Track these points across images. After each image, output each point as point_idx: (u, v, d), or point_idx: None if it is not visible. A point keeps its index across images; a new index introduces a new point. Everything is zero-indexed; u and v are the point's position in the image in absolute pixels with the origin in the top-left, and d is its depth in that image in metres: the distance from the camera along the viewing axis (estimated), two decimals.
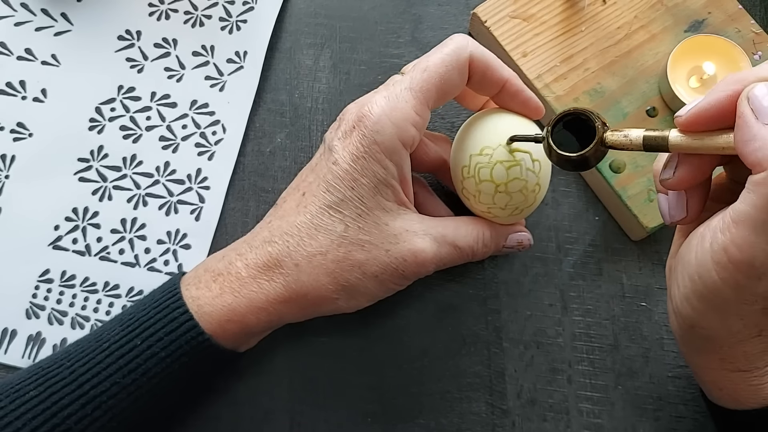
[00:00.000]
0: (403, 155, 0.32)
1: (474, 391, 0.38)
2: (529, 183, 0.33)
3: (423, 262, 0.33)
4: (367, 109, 0.32)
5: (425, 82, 0.32)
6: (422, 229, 0.33)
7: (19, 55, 0.42)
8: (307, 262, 0.32)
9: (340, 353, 0.38)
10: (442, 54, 0.32)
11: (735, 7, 0.42)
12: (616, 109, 0.40)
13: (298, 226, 0.32)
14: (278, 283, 0.32)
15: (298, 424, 0.37)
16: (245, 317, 0.32)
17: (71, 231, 0.40)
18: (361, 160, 0.31)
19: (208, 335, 0.31)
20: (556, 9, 0.42)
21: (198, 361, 0.32)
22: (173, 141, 0.42)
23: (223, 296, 0.32)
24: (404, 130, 0.31)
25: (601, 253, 0.40)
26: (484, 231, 0.35)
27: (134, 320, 0.32)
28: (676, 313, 0.29)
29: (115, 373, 0.30)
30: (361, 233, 0.32)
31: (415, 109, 0.32)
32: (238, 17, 0.44)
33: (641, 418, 0.37)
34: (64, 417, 0.29)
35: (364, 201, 0.32)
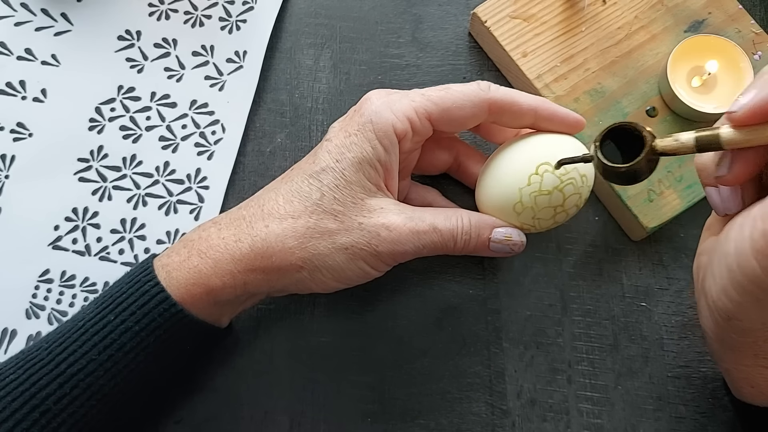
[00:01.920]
0: (393, 142, 0.32)
1: (474, 391, 0.38)
2: (582, 197, 0.33)
3: (397, 238, 0.32)
4: (374, 96, 0.33)
5: (437, 97, 0.33)
6: (398, 209, 0.33)
7: (19, 55, 0.42)
8: (278, 223, 0.32)
9: (340, 353, 0.38)
10: (466, 86, 0.33)
11: (735, 7, 0.42)
12: (616, 109, 0.40)
13: (275, 191, 0.33)
14: (244, 244, 0.32)
15: (298, 424, 0.37)
16: (210, 279, 0.31)
17: (71, 231, 0.40)
18: (352, 137, 0.32)
19: (180, 306, 0.31)
20: (557, 9, 0.42)
21: (173, 333, 0.31)
22: (173, 141, 0.42)
23: (191, 259, 0.32)
24: (400, 120, 0.32)
25: (601, 253, 0.40)
26: (464, 216, 0.34)
27: (108, 297, 0.32)
28: (712, 307, 0.29)
29: (90, 350, 0.30)
30: (336, 203, 0.32)
31: (416, 109, 0.32)
32: (238, 17, 0.44)
33: (641, 418, 0.37)
34: (42, 398, 0.29)
35: (344, 173, 0.32)
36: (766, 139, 0.26)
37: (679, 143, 0.27)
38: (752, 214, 0.26)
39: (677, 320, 0.39)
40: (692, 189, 0.39)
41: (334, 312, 0.39)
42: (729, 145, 0.27)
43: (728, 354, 0.31)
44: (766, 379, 0.30)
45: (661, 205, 0.39)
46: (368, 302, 0.39)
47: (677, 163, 0.39)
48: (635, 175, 0.28)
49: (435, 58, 0.44)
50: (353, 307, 0.39)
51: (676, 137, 0.28)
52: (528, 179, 0.33)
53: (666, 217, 0.38)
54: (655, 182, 0.39)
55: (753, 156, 0.27)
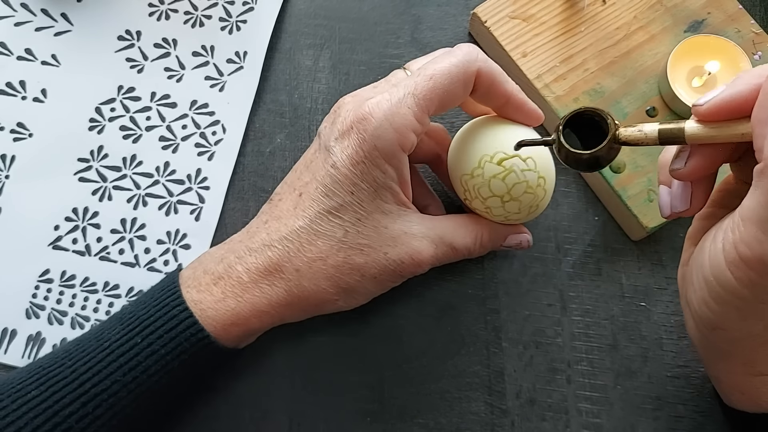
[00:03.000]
0: (403, 159, 0.32)
1: (473, 390, 0.38)
2: (530, 181, 0.33)
3: (420, 263, 0.33)
4: (368, 110, 0.31)
5: (429, 91, 0.31)
6: (420, 232, 0.33)
7: (19, 55, 0.42)
8: (308, 267, 0.32)
9: (340, 353, 0.38)
10: (450, 64, 0.31)
11: (735, 7, 0.42)
12: (616, 110, 0.40)
13: (297, 231, 0.32)
14: (280, 288, 0.32)
15: (298, 424, 0.37)
16: (249, 320, 0.32)
17: (71, 231, 0.40)
18: (361, 165, 0.31)
19: (207, 332, 0.31)
20: (556, 9, 0.42)
21: (198, 358, 0.32)
22: (173, 141, 0.42)
23: (226, 301, 0.32)
24: (404, 136, 0.31)
25: (600, 253, 0.40)
26: (483, 232, 0.35)
27: (134, 318, 0.32)
28: (695, 317, 0.29)
29: (115, 371, 0.30)
30: (360, 237, 0.32)
31: (416, 116, 0.31)
32: (238, 17, 0.44)
33: (640, 417, 0.37)
34: (65, 416, 0.29)
35: (363, 205, 0.32)
36: (728, 137, 0.26)
37: (643, 134, 0.27)
38: (724, 226, 0.26)
39: (676, 320, 0.39)
40: None
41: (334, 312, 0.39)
42: (692, 140, 0.27)
43: (716, 363, 0.31)
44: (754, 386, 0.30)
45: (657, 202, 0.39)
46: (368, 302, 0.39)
47: None
48: (597, 161, 0.28)
49: None
50: None
51: (640, 128, 0.27)
52: (471, 170, 0.33)
53: None
54: (655, 182, 0.39)
55: (711, 153, 0.27)
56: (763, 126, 0.24)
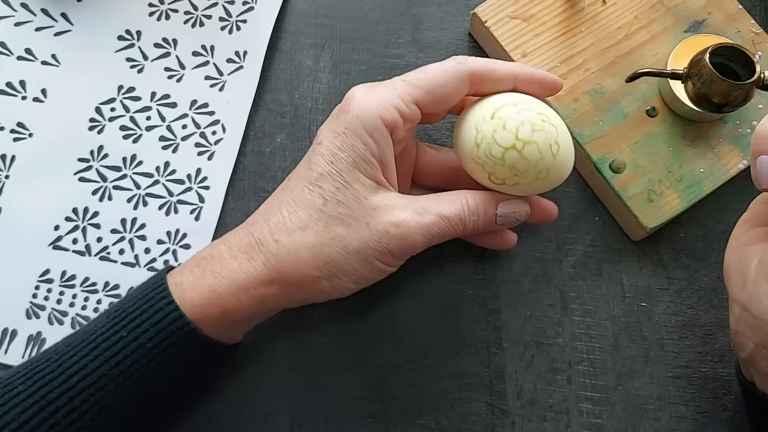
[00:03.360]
0: (384, 134, 0.32)
1: (474, 391, 0.38)
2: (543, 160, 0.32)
3: (406, 234, 0.32)
4: (356, 91, 0.33)
5: (418, 79, 0.33)
6: (402, 203, 0.32)
7: (19, 55, 0.42)
8: (287, 237, 0.31)
9: (340, 353, 0.38)
10: (443, 63, 0.33)
11: (735, 7, 0.42)
12: (616, 110, 0.40)
13: (279, 204, 0.32)
14: (258, 261, 0.31)
15: (298, 424, 0.37)
16: (225, 299, 0.31)
17: (71, 231, 0.40)
18: (342, 136, 0.32)
19: (194, 325, 0.31)
20: (556, 9, 0.42)
21: (185, 351, 0.31)
22: (173, 141, 0.42)
23: (205, 279, 0.31)
24: (387, 110, 0.32)
25: (601, 253, 0.40)
26: (468, 198, 0.33)
27: (120, 312, 0.32)
28: None
29: (102, 366, 0.30)
30: (340, 206, 0.31)
31: (401, 96, 0.32)
32: (238, 17, 0.44)
33: (641, 418, 0.37)
34: (52, 411, 0.29)
35: (342, 174, 0.32)
36: None
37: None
38: None
39: (677, 320, 0.39)
40: (692, 189, 0.39)
41: (334, 312, 0.39)
42: None
43: None
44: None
45: (661, 205, 0.39)
46: (368, 302, 0.39)
47: (677, 163, 0.39)
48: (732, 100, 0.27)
49: (435, 59, 0.44)
50: (353, 307, 0.39)
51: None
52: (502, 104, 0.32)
53: (666, 217, 0.38)
54: (656, 182, 0.39)
55: None
56: None
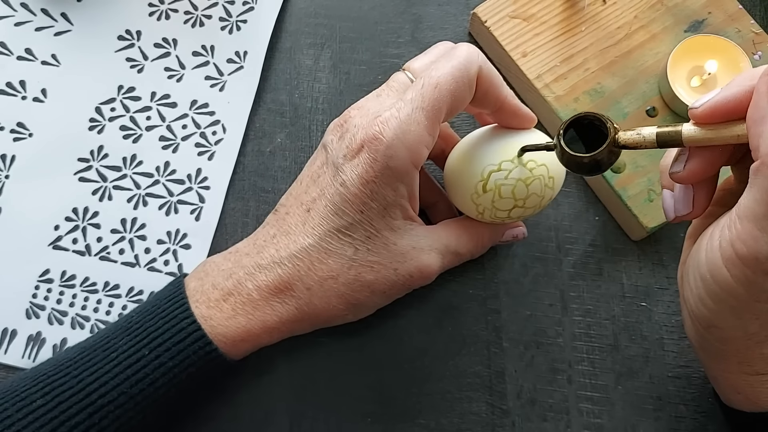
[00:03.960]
0: (414, 176, 0.32)
1: (474, 391, 0.38)
2: (544, 199, 0.34)
3: (429, 276, 0.34)
4: (378, 129, 0.30)
5: (437, 102, 0.30)
6: (428, 245, 0.34)
7: (19, 55, 0.42)
8: (319, 286, 0.32)
9: (340, 353, 0.38)
10: (453, 68, 0.31)
11: (735, 7, 0.42)
12: (616, 109, 0.40)
13: (307, 249, 0.32)
14: (291, 306, 0.32)
15: (298, 424, 0.37)
16: (259, 337, 0.32)
17: (71, 231, 0.40)
18: (371, 184, 0.31)
19: (216, 346, 0.31)
20: (556, 9, 0.42)
21: (205, 371, 0.32)
22: (173, 141, 0.42)
23: (237, 318, 0.32)
24: (417, 152, 0.31)
25: (601, 253, 0.40)
26: (484, 235, 0.36)
27: (142, 330, 0.32)
28: (692, 316, 0.29)
29: (122, 383, 0.30)
30: (370, 255, 0.32)
31: (428, 131, 0.31)
32: (238, 17, 0.44)
33: (641, 418, 0.37)
34: (71, 426, 0.29)
35: (373, 224, 0.32)
36: (725, 139, 0.26)
37: (641, 137, 0.27)
38: (721, 224, 0.26)
39: (677, 320, 0.39)
40: None
41: None
42: (689, 143, 0.27)
43: (713, 362, 0.31)
44: (751, 386, 0.30)
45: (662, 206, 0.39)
46: None
47: None
48: (597, 165, 0.28)
49: None
50: None
51: (639, 131, 0.28)
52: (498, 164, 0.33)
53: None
54: (656, 182, 0.39)
55: (709, 155, 0.27)
56: (757, 125, 0.24)
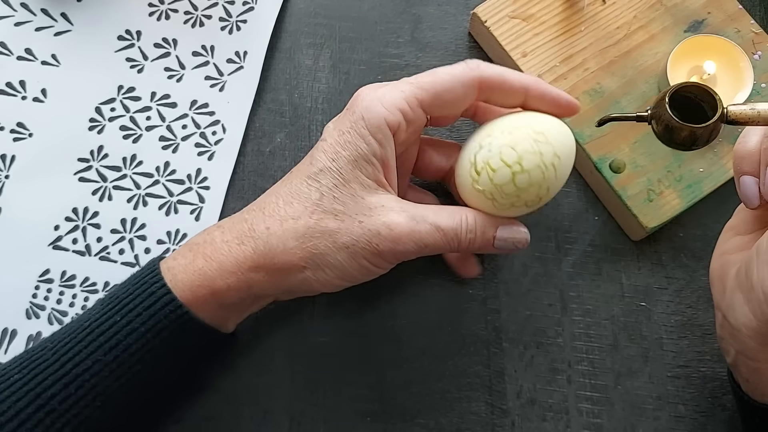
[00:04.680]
0: (387, 136, 0.32)
1: (473, 390, 0.38)
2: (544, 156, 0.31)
3: (398, 237, 0.31)
4: (363, 91, 0.33)
5: (426, 83, 0.32)
6: (400, 207, 0.32)
7: (19, 55, 0.42)
8: (278, 225, 0.32)
9: (340, 353, 0.38)
10: (453, 68, 0.33)
11: (735, 7, 0.42)
12: (616, 109, 0.40)
13: (276, 194, 0.33)
14: (247, 246, 0.32)
15: (298, 424, 0.37)
16: (214, 281, 0.32)
17: (71, 231, 0.40)
18: (346, 134, 0.32)
19: (186, 308, 0.31)
20: (556, 9, 0.42)
21: (178, 335, 0.32)
22: (173, 141, 0.42)
23: (196, 261, 0.32)
24: (392, 112, 0.32)
25: (600, 253, 0.40)
26: (468, 215, 0.33)
27: (114, 298, 0.32)
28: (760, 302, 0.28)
29: (95, 351, 0.30)
30: (336, 203, 0.32)
31: (407, 100, 0.32)
32: (238, 17, 0.44)
33: (641, 417, 0.37)
34: (47, 398, 0.29)
35: (342, 173, 0.32)
36: None
37: (755, 112, 0.26)
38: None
39: (677, 320, 0.39)
40: (692, 189, 0.39)
41: (334, 312, 0.39)
42: None
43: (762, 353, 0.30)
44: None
45: (661, 205, 0.39)
46: (368, 302, 0.39)
47: (677, 163, 0.39)
48: (697, 139, 0.27)
49: (435, 58, 0.44)
50: (353, 307, 0.39)
51: (753, 106, 0.26)
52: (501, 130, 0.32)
53: (666, 217, 0.38)
54: (655, 182, 0.39)
55: None
56: None
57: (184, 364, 0.34)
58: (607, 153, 0.39)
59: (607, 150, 0.40)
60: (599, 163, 0.39)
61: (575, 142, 0.39)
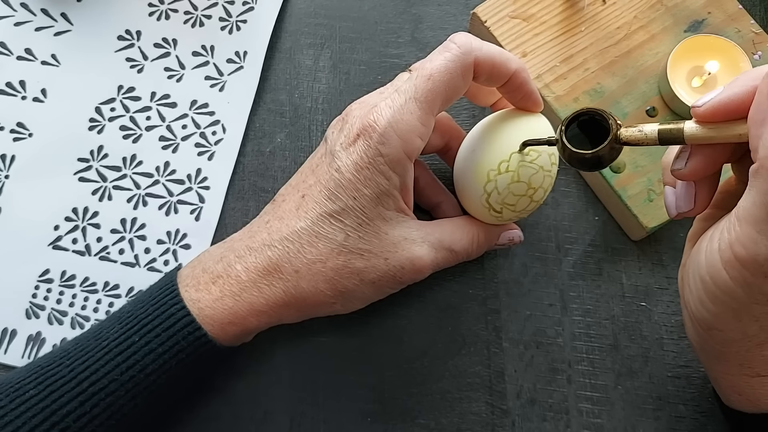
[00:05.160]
0: (407, 166, 0.32)
1: (474, 391, 0.38)
2: (546, 184, 0.34)
3: (420, 269, 0.34)
4: (373, 118, 0.31)
5: (430, 92, 0.31)
6: (420, 237, 0.33)
7: (19, 55, 0.42)
8: (307, 269, 0.32)
9: (340, 353, 0.38)
10: (446, 60, 0.31)
11: (735, 7, 0.42)
12: (616, 109, 0.40)
13: (298, 231, 0.32)
14: (278, 288, 0.32)
15: (298, 424, 0.37)
16: (246, 320, 0.32)
17: (71, 231, 0.40)
18: (365, 171, 0.31)
19: (205, 331, 0.31)
20: (556, 9, 0.42)
21: (196, 358, 0.32)
22: (173, 141, 0.42)
23: (224, 300, 0.32)
24: (410, 142, 0.31)
25: (600, 253, 0.40)
26: (479, 233, 0.36)
27: (132, 317, 0.32)
28: (692, 318, 0.29)
29: (113, 371, 0.30)
30: (361, 242, 0.32)
31: (420, 120, 0.31)
32: (238, 17, 0.44)
33: (641, 417, 0.37)
34: (63, 415, 0.29)
35: (365, 211, 0.32)
36: (726, 138, 0.26)
37: (643, 134, 0.28)
38: (721, 226, 0.26)
39: (677, 320, 0.39)
40: None
41: None
42: (691, 140, 0.27)
43: (714, 363, 0.31)
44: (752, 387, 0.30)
45: (661, 205, 0.39)
46: None
47: None
48: (599, 161, 0.28)
49: None
50: None
51: (641, 128, 0.28)
52: (498, 163, 0.33)
53: (666, 217, 0.38)
54: (655, 182, 0.39)
55: (712, 153, 0.27)
56: (758, 127, 0.24)
57: (196, 381, 0.34)
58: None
59: None
60: None
61: None
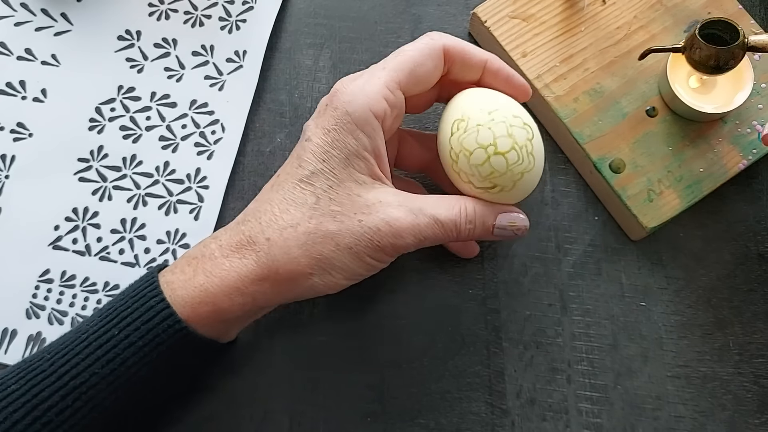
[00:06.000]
0: (375, 126, 0.32)
1: (473, 390, 0.38)
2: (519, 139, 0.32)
3: (398, 232, 0.31)
4: (340, 85, 0.32)
5: (398, 63, 0.33)
6: (398, 201, 0.32)
7: (19, 55, 0.42)
8: (279, 235, 0.31)
9: (340, 353, 0.38)
10: (417, 42, 0.33)
11: (735, 7, 0.42)
12: (616, 109, 0.40)
13: (270, 202, 0.32)
14: (250, 260, 0.31)
15: (298, 424, 0.37)
16: (217, 298, 0.31)
17: (71, 231, 0.40)
18: (332, 132, 0.31)
19: (184, 323, 0.31)
20: (556, 9, 0.42)
21: (176, 349, 0.31)
22: (173, 141, 0.42)
23: (196, 278, 0.31)
24: (376, 101, 0.31)
25: (600, 253, 0.40)
26: (467, 205, 0.33)
27: (112, 310, 0.32)
28: None
29: (93, 364, 0.30)
30: (333, 204, 0.31)
31: (387, 85, 0.32)
32: (238, 17, 0.44)
33: (640, 417, 0.37)
34: (44, 409, 0.29)
35: (335, 173, 0.31)
36: None
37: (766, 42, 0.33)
38: None
39: (676, 320, 0.39)
40: (692, 189, 0.39)
41: (334, 312, 0.39)
42: None
43: None
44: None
45: (661, 205, 0.39)
46: (368, 302, 0.39)
47: (677, 162, 0.39)
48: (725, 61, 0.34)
49: None
50: (353, 307, 0.39)
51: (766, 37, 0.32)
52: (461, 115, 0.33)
53: (665, 217, 0.38)
54: (655, 182, 0.39)
55: None
56: None
57: (182, 375, 0.34)
58: (607, 153, 0.39)
59: (606, 150, 0.40)
60: (599, 163, 0.39)
61: (576, 142, 0.40)
